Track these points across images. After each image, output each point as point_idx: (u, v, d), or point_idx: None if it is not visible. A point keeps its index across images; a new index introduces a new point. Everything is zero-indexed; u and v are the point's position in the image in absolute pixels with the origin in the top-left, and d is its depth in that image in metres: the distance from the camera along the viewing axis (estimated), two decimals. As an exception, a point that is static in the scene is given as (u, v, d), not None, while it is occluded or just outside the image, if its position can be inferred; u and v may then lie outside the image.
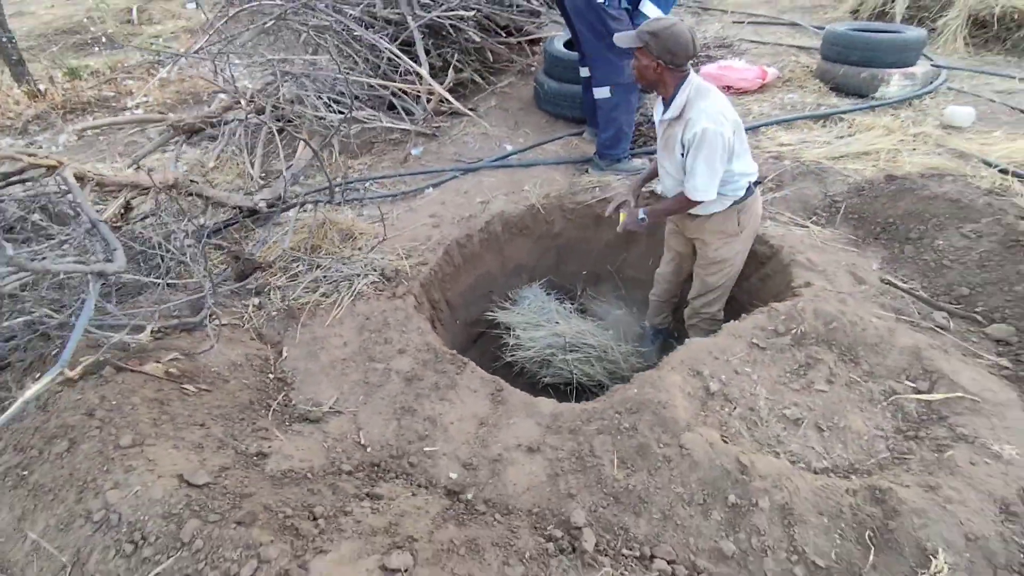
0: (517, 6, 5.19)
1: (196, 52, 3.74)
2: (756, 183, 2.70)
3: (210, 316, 2.72)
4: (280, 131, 4.36)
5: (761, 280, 3.15)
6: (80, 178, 2.65)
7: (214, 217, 3.51)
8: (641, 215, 2.74)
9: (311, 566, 1.62)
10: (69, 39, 8.82)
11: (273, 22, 3.70)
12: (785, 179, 3.56)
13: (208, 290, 2.57)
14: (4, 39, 6.17)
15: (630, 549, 1.84)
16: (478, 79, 5.16)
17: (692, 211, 2.70)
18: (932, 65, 4.86)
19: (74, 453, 1.89)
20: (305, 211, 3.61)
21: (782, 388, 2.27)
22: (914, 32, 4.53)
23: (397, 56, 3.93)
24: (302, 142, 4.09)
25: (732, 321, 2.58)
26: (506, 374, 3.61)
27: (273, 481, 1.97)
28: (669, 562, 1.79)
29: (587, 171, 4.01)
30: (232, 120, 4.38)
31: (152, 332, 2.30)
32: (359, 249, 3.35)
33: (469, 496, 2.05)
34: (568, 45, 4.68)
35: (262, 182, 3.89)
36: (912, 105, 4.40)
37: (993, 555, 1.67)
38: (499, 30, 5.34)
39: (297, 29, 3.83)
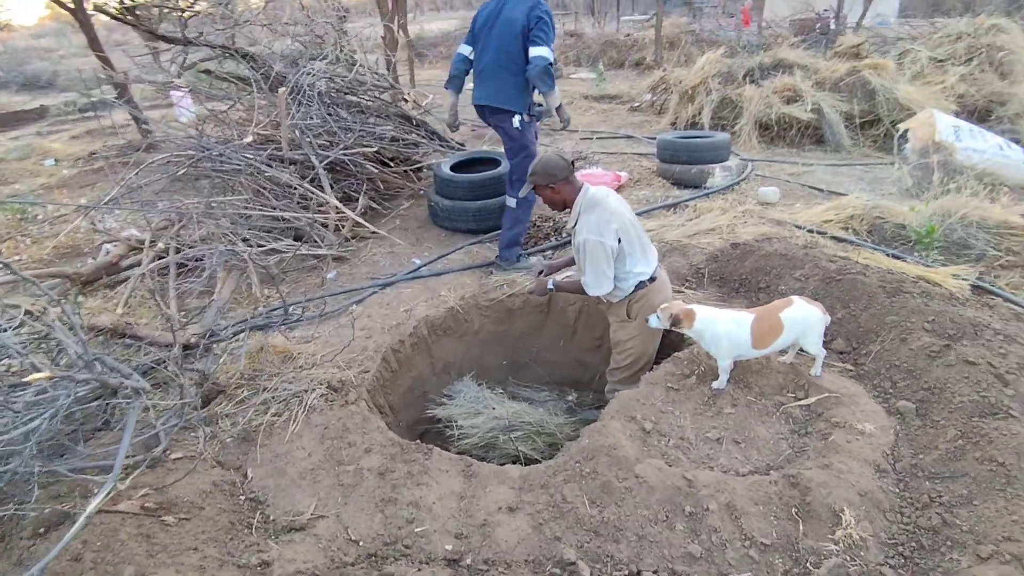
0: (402, 140, 5.85)
1: (106, 203, 3.85)
2: (651, 279, 3.20)
3: (165, 451, 2.73)
4: (192, 270, 4.47)
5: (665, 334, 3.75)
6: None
7: (149, 355, 3.50)
8: (549, 284, 3.32)
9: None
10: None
11: (185, 170, 3.95)
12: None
13: (167, 422, 2.62)
14: None
15: (619, 571, 2.14)
16: (375, 205, 5.65)
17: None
18: (740, 159, 6.16)
19: (72, 600, 1.86)
20: (238, 341, 3.71)
21: (700, 417, 2.77)
22: (721, 135, 5.80)
23: (309, 190, 4.30)
24: (221, 278, 4.22)
25: (648, 372, 3.10)
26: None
27: (283, 586, 2.05)
28: (654, 572, 2.12)
29: (492, 273, 4.53)
30: (137, 265, 4.41)
31: (126, 471, 2.31)
32: (300, 367, 3.50)
33: (468, 561, 2.24)
34: (455, 168, 5.36)
35: (184, 320, 3.94)
36: (734, 190, 5.54)
37: (879, 503, 2.20)
38: (388, 161, 5.96)
39: (209, 175, 4.10)
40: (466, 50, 4.32)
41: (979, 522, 1.99)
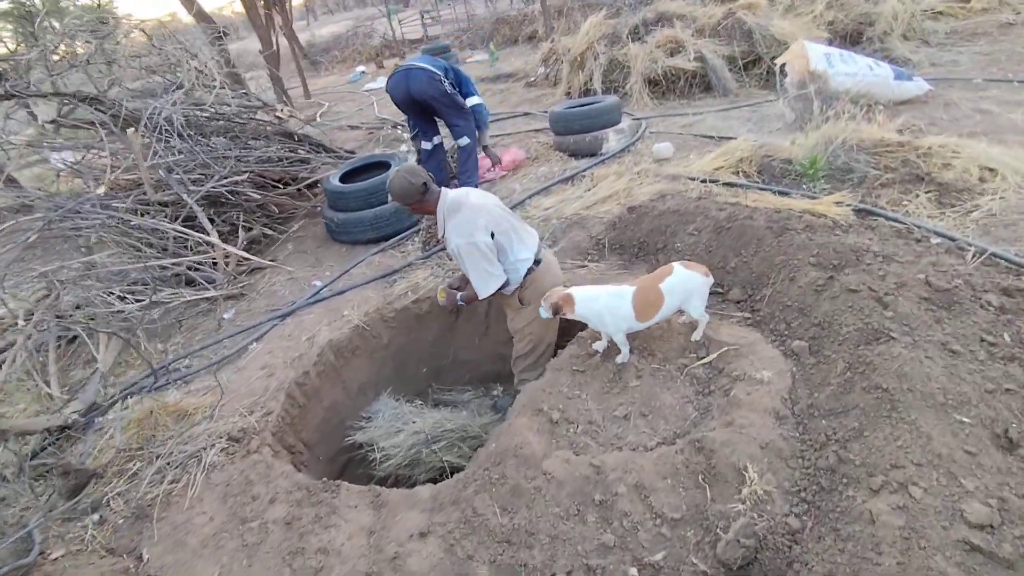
0: (286, 159, 5.56)
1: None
2: (536, 263, 3.13)
3: (42, 554, 2.49)
4: (73, 339, 4.13)
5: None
6: None
7: (25, 445, 3.19)
8: (458, 297, 3.24)
9: None
10: None
11: (37, 235, 3.61)
12: (557, 234, 4.24)
13: (37, 520, 2.37)
14: None
15: (534, 578, 2.06)
16: (269, 231, 5.36)
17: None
18: (633, 119, 6.15)
19: None
20: (126, 408, 3.43)
21: (607, 396, 2.71)
22: (610, 99, 5.75)
23: (183, 232, 4.01)
24: (102, 343, 3.92)
25: (552, 359, 3.02)
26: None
27: None
28: (567, 574, 2.04)
29: (395, 281, 4.36)
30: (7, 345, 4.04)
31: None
32: (198, 424, 3.27)
33: (380, 601, 2.12)
34: (344, 179, 5.13)
35: (66, 397, 3.63)
36: (630, 151, 5.52)
37: (780, 451, 2.19)
38: (276, 183, 5.65)
39: (67, 235, 3.76)
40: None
41: (870, 454, 1.99)
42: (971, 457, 1.82)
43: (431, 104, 4.77)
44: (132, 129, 4.10)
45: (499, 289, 3.04)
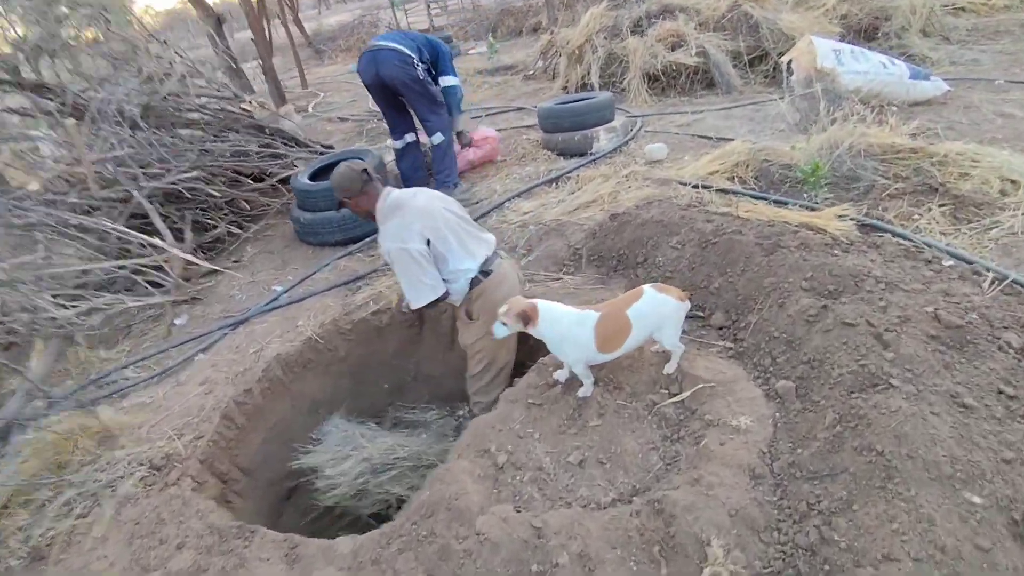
0: (257, 153, 5.24)
1: None
2: (484, 273, 2.82)
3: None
4: (6, 347, 3.85)
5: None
6: None
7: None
8: (403, 305, 3.04)
9: None
10: None
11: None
12: (533, 242, 3.89)
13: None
14: None
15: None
16: (236, 230, 5.05)
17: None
18: (628, 116, 5.77)
19: None
20: (50, 424, 3.14)
21: (563, 436, 2.37)
22: (602, 95, 5.37)
23: (126, 233, 3.71)
24: (35, 350, 3.63)
25: (508, 388, 2.68)
26: (328, 520, 3.38)
27: None
28: (491, 662, 1.72)
29: (359, 288, 4.04)
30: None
31: None
32: (123, 447, 2.97)
33: None
34: (313, 177, 4.81)
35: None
36: (622, 151, 5.15)
37: (754, 521, 1.84)
38: (248, 178, 5.34)
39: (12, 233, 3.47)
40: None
41: (859, 535, 1.64)
42: (983, 554, 1.46)
43: (400, 91, 4.41)
44: (72, 121, 3.79)
45: (439, 300, 2.72)
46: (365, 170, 2.79)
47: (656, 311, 2.35)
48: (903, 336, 2.15)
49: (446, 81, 4.57)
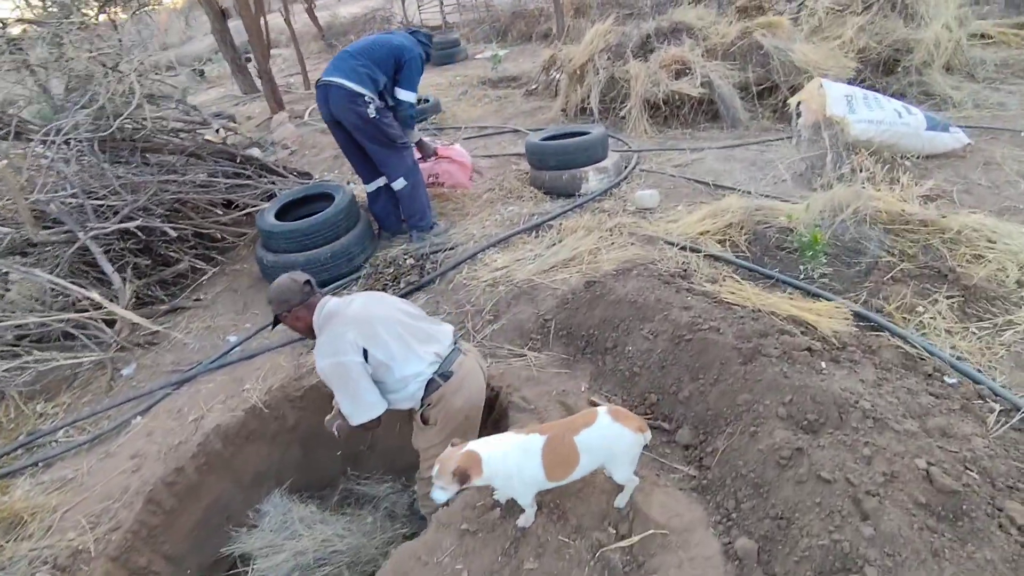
0: (225, 185, 4.98)
1: None
2: (443, 375, 2.53)
3: None
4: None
5: (495, 428, 3.05)
6: None
7: None
8: (333, 427, 2.66)
9: None
10: None
11: None
12: (501, 308, 3.59)
13: None
14: None
15: None
16: (202, 264, 4.80)
17: None
18: (624, 151, 5.42)
19: None
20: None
21: (493, 580, 2.09)
22: (595, 132, 5.01)
23: (58, 285, 3.46)
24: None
25: (443, 508, 2.40)
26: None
27: None
28: None
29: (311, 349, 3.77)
30: None
31: None
32: (31, 536, 2.74)
33: None
34: (279, 215, 4.53)
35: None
36: (612, 194, 4.82)
37: None
38: (219, 207, 5.09)
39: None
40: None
41: None
42: None
43: (353, 133, 4.09)
44: (3, 162, 3.54)
45: (379, 418, 2.46)
46: (308, 281, 2.56)
47: (607, 442, 2.06)
48: (886, 503, 1.83)
49: (400, 95, 4.19)
